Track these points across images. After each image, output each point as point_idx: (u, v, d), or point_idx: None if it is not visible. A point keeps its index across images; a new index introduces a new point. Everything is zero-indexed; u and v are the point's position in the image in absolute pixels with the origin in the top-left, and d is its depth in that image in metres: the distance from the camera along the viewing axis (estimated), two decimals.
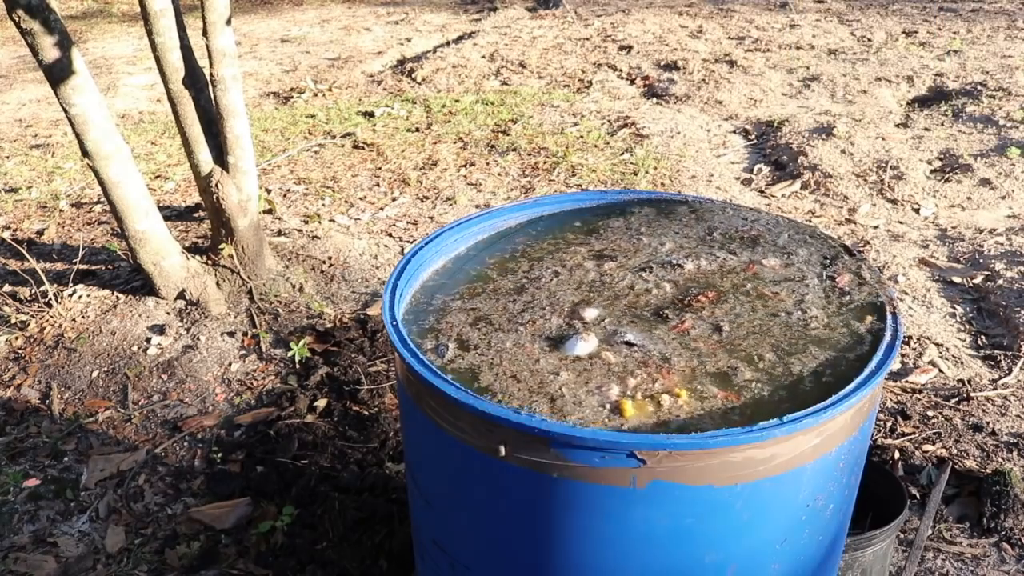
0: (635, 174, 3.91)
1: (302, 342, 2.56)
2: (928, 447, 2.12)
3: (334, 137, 4.57)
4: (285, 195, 3.84)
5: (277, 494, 2.03)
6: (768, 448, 0.94)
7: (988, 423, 2.21)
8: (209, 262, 2.84)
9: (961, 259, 3.07)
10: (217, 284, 2.79)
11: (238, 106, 2.63)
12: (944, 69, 5.32)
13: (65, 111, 2.34)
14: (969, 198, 3.56)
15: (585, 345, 1.13)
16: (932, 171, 3.85)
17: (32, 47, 2.26)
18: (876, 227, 3.35)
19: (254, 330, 2.66)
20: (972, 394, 2.31)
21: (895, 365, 2.46)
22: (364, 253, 3.17)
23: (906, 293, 2.85)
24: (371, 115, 4.94)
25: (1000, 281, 2.86)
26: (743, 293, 1.26)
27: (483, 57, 6.21)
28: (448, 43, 6.76)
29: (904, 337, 2.15)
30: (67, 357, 2.54)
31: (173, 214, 3.56)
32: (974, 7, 7.12)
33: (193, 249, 2.99)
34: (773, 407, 1.01)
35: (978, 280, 2.91)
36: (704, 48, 6.20)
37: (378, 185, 3.93)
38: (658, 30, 6.86)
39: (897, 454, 2.10)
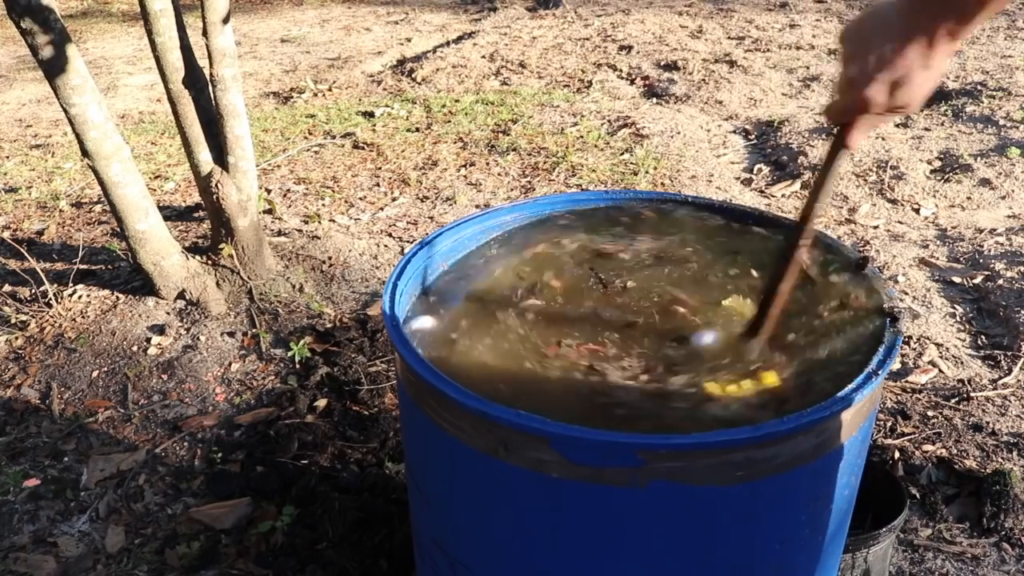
0: (635, 174, 3.91)
1: (302, 342, 2.56)
2: (928, 447, 2.12)
3: (334, 137, 4.57)
4: (285, 195, 3.84)
5: (277, 494, 2.03)
6: (769, 448, 0.94)
7: (988, 423, 2.21)
8: (209, 262, 2.84)
9: (961, 259, 3.07)
10: (217, 284, 2.79)
11: (238, 106, 2.63)
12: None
13: (65, 111, 2.34)
14: (969, 198, 3.56)
15: None
16: (932, 171, 3.85)
17: (32, 47, 2.26)
18: (876, 227, 3.35)
19: (254, 330, 2.66)
20: (972, 394, 2.31)
21: (895, 365, 2.46)
22: (364, 253, 3.17)
23: (906, 293, 2.85)
24: (371, 115, 4.93)
25: (1000, 281, 2.86)
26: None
27: (483, 57, 6.21)
28: (448, 43, 6.76)
29: (904, 337, 2.15)
30: (67, 357, 2.54)
31: (173, 214, 3.56)
32: None
33: (193, 249, 2.99)
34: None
35: (978, 280, 2.91)
36: (704, 48, 6.20)
37: (378, 185, 3.93)
38: (658, 30, 6.85)
39: (897, 454, 2.10)
